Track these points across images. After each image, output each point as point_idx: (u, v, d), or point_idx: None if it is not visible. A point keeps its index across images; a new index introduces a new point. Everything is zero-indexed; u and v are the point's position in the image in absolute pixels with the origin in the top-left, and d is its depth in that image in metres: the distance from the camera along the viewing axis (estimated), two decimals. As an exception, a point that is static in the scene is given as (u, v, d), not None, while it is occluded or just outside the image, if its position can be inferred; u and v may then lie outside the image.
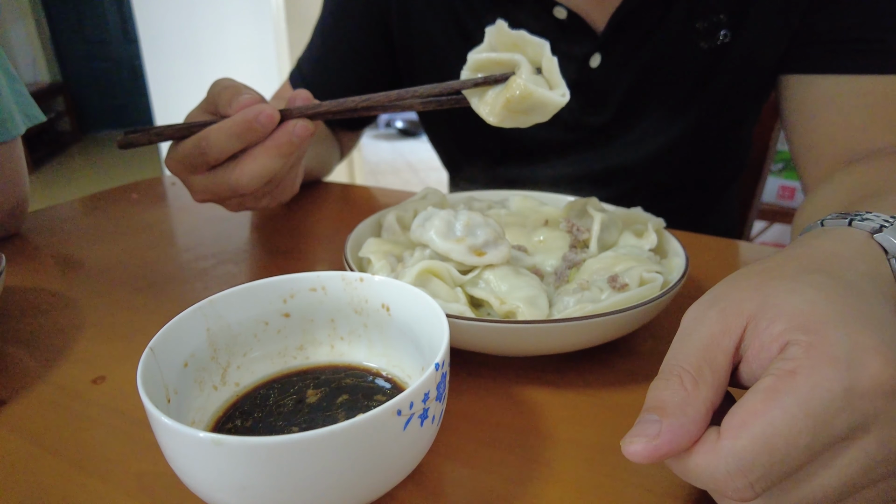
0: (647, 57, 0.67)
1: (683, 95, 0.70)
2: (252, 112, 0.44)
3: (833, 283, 0.26)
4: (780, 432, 0.22)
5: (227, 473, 0.24)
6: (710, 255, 0.58)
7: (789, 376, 0.23)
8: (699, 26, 0.65)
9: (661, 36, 0.66)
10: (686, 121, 0.71)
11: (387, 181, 3.87)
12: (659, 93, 0.70)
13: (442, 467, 0.33)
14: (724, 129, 0.75)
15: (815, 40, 0.62)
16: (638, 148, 0.73)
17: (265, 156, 0.46)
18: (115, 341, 0.45)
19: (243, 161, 0.47)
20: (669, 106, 0.71)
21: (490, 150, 0.79)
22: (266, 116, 0.44)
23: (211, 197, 0.52)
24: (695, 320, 0.28)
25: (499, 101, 0.45)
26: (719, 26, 0.65)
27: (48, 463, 0.33)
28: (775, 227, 2.03)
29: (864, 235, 0.31)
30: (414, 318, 0.35)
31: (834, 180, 0.53)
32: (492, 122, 0.46)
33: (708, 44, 0.66)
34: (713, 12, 0.64)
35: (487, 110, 0.46)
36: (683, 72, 0.68)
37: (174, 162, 0.50)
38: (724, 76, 0.68)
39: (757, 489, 0.23)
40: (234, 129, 0.45)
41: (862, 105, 0.58)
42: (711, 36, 0.65)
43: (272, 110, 0.45)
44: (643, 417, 0.25)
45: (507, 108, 0.44)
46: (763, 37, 0.65)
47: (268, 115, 0.44)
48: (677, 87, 0.69)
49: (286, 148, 0.46)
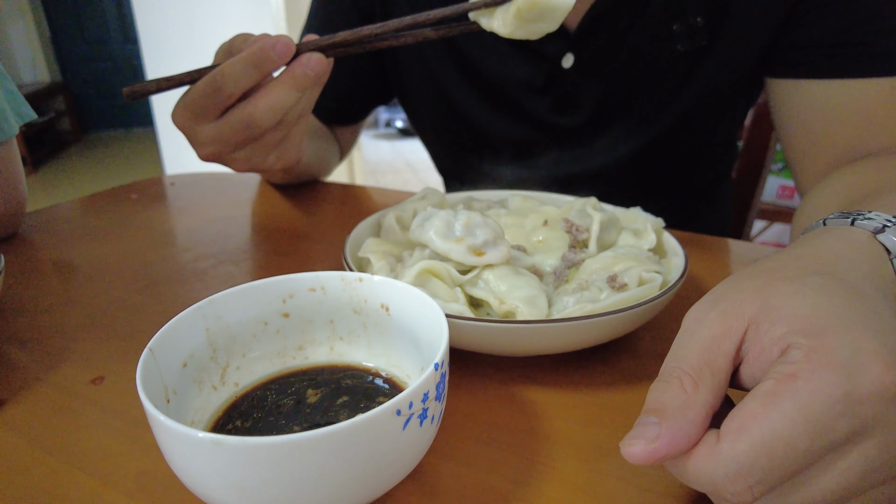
0: (622, 59, 0.67)
1: (660, 98, 0.69)
2: (269, 41, 0.45)
3: (835, 286, 0.26)
4: (779, 436, 0.22)
5: (226, 473, 0.24)
6: (709, 255, 0.58)
7: (789, 380, 0.23)
8: (676, 28, 0.64)
9: (636, 37, 0.65)
10: (663, 123, 0.70)
11: (386, 181, 3.87)
12: (635, 96, 0.69)
13: (441, 467, 0.33)
14: (704, 132, 0.74)
15: (803, 45, 0.61)
16: (614, 151, 0.72)
17: (281, 87, 0.46)
18: (115, 341, 0.45)
19: (258, 94, 0.47)
20: (646, 109, 0.70)
21: (467, 146, 0.80)
22: (283, 45, 0.45)
23: (219, 148, 0.51)
24: (696, 321, 0.28)
25: (510, 12, 0.46)
26: (696, 29, 0.64)
27: (47, 463, 0.33)
28: (775, 226, 2.03)
29: (866, 235, 0.31)
30: (413, 318, 0.35)
31: (831, 181, 0.53)
32: (504, 33, 0.47)
33: (685, 47, 0.65)
34: (690, 15, 0.64)
35: (498, 23, 0.47)
36: (660, 74, 0.68)
37: (184, 109, 0.49)
38: (702, 79, 0.67)
39: (755, 492, 0.23)
40: (251, 59, 0.45)
41: (854, 109, 0.58)
42: (688, 39, 0.65)
43: (288, 39, 0.45)
44: (642, 419, 0.25)
45: (518, 17, 0.45)
46: (741, 40, 0.65)
47: (284, 44, 0.45)
48: (654, 89, 0.69)
49: (302, 80, 0.46)
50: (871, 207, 0.34)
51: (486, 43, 0.70)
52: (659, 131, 0.71)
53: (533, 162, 0.76)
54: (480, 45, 0.71)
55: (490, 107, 0.75)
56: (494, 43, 0.69)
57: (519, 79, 0.70)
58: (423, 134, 0.88)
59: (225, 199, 0.79)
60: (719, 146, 0.80)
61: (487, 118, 0.75)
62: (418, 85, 0.79)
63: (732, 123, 0.78)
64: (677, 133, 0.71)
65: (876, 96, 0.57)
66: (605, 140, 0.72)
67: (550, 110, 0.71)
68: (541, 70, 0.69)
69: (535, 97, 0.71)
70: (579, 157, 0.74)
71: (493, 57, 0.71)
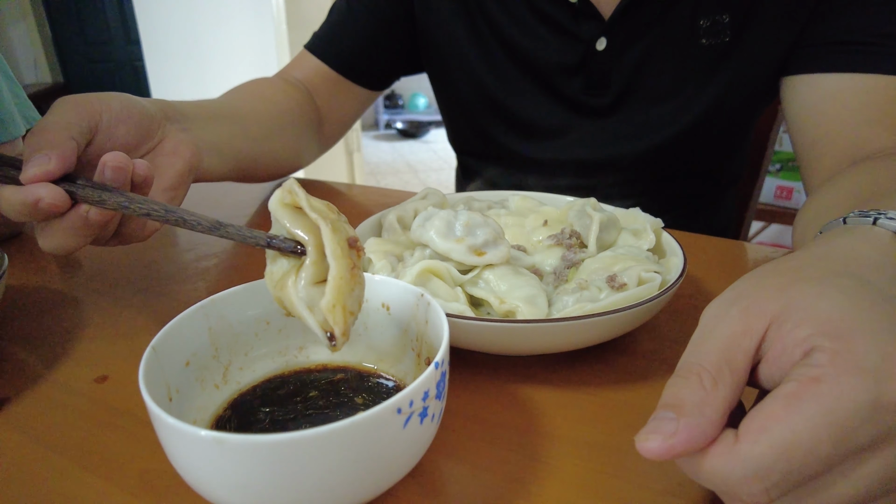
0: (649, 42, 0.69)
1: (685, 90, 0.71)
2: (31, 197, 0.37)
3: (862, 289, 0.26)
4: (800, 440, 0.22)
5: (228, 471, 0.24)
6: (707, 255, 0.59)
7: (813, 384, 0.22)
8: (702, 23, 0.67)
9: (664, 27, 0.68)
10: (686, 116, 0.72)
11: (387, 182, 3.87)
12: (659, 81, 0.72)
13: (442, 465, 0.33)
14: (723, 128, 0.75)
15: (820, 41, 0.63)
16: (639, 138, 0.74)
17: (62, 236, 0.40)
18: (118, 340, 0.46)
19: (42, 233, 0.41)
20: (670, 98, 0.72)
21: (493, 121, 0.81)
22: (47, 206, 0.37)
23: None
24: (715, 318, 0.27)
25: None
26: (722, 26, 0.67)
27: (51, 461, 0.34)
28: (773, 227, 2.03)
29: (889, 236, 0.31)
30: (414, 318, 0.35)
31: (838, 180, 0.53)
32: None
33: (709, 41, 0.68)
34: (717, 12, 0.66)
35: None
36: (684, 65, 0.70)
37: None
38: (725, 74, 0.69)
39: (772, 495, 0.23)
40: (22, 210, 0.38)
41: (866, 103, 0.59)
42: (713, 34, 0.67)
43: (54, 197, 0.37)
44: (659, 414, 0.24)
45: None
46: (765, 39, 0.66)
47: (49, 205, 0.37)
48: (678, 80, 0.71)
49: (83, 231, 0.40)
50: (884, 207, 0.33)
51: (525, 23, 0.73)
52: (683, 123, 0.73)
53: (556, 143, 0.78)
54: (519, 25, 0.74)
55: (522, 83, 0.77)
56: (533, 24, 0.72)
57: (554, 58, 0.73)
58: (447, 106, 0.89)
59: (226, 198, 0.79)
60: (737, 144, 0.81)
61: (518, 94, 0.77)
62: (448, 55, 0.80)
63: (749, 123, 0.79)
64: (700, 126, 0.73)
65: (886, 93, 0.58)
66: (628, 127, 0.74)
67: (581, 90, 0.74)
68: (575, 51, 0.72)
69: (567, 76, 0.74)
70: (601, 142, 0.76)
71: (529, 37, 0.73)
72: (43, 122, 0.41)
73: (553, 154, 0.78)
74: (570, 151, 0.77)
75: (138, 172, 0.41)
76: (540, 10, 0.71)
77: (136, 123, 0.47)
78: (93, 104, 0.44)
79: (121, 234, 0.44)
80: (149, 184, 0.42)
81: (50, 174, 0.37)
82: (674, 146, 0.74)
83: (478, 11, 0.75)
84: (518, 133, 0.80)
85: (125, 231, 0.44)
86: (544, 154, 0.79)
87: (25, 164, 0.38)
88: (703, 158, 0.78)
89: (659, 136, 0.74)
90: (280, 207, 0.31)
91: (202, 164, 0.55)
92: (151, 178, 0.42)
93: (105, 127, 0.45)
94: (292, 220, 0.31)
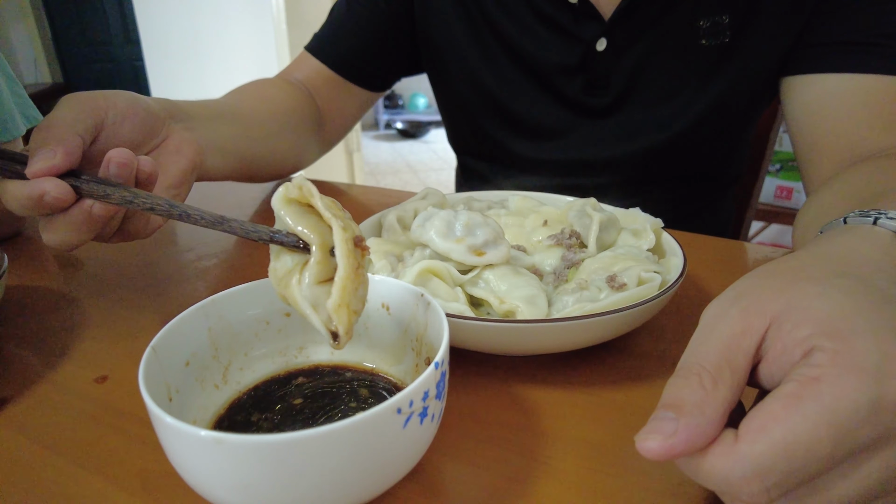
0: (649, 42, 0.70)
1: (684, 90, 0.71)
2: (36, 191, 0.38)
3: (862, 289, 0.26)
4: (800, 440, 0.22)
5: (228, 471, 0.24)
6: (707, 255, 0.59)
7: (813, 383, 0.23)
8: (702, 24, 0.67)
9: (664, 28, 0.69)
10: (686, 116, 0.72)
11: (387, 182, 3.87)
12: (659, 82, 0.72)
13: (442, 465, 0.33)
14: (723, 129, 0.76)
15: (820, 41, 0.63)
16: (639, 138, 0.74)
17: (65, 230, 0.40)
18: (117, 340, 0.46)
19: (46, 228, 0.41)
20: (670, 99, 0.72)
21: (493, 121, 0.81)
22: (52, 199, 0.38)
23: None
24: (715, 317, 0.27)
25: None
26: (722, 27, 0.67)
27: (50, 461, 0.34)
28: (772, 227, 2.03)
29: (889, 236, 0.31)
30: (413, 318, 0.35)
31: (838, 180, 0.53)
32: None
33: (709, 42, 0.68)
34: (717, 13, 0.67)
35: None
36: (684, 65, 0.70)
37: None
38: (725, 75, 0.70)
39: (772, 494, 0.23)
40: (26, 204, 0.39)
41: (866, 103, 0.59)
42: (713, 35, 0.67)
43: (59, 191, 0.38)
44: (659, 414, 0.24)
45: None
46: (765, 40, 0.67)
47: (54, 199, 0.38)
48: (678, 80, 0.71)
49: (87, 226, 0.40)
50: (885, 207, 0.33)
51: (525, 24, 0.73)
52: (680, 127, 0.73)
53: (556, 143, 0.78)
54: (519, 26, 0.74)
55: (522, 84, 0.77)
56: (533, 24, 0.72)
57: (554, 59, 0.73)
58: (447, 106, 0.89)
59: (227, 198, 0.79)
60: (736, 145, 0.81)
61: (518, 95, 0.78)
62: (448, 55, 0.80)
63: (749, 124, 0.79)
64: (697, 129, 0.73)
65: (886, 93, 0.58)
66: (628, 127, 0.74)
67: (581, 90, 0.74)
68: (575, 52, 0.72)
69: (568, 77, 0.74)
70: (601, 142, 0.76)
71: (529, 37, 0.73)
72: (49, 118, 0.41)
73: (553, 154, 0.78)
74: (570, 151, 0.77)
75: (143, 169, 0.41)
76: (540, 10, 0.71)
77: (141, 121, 0.47)
78: (98, 101, 0.44)
79: (124, 231, 0.44)
80: (153, 180, 0.43)
81: (55, 169, 0.38)
82: (674, 146, 0.74)
83: (478, 12, 0.75)
84: (518, 133, 0.80)
85: (128, 227, 0.44)
86: (544, 154, 0.79)
87: (31, 158, 0.38)
88: (702, 158, 0.78)
89: (659, 136, 0.74)
90: (283, 205, 0.31)
91: (205, 163, 0.55)
92: (156, 174, 0.43)
93: (110, 124, 0.45)
94: (295, 218, 0.31)
